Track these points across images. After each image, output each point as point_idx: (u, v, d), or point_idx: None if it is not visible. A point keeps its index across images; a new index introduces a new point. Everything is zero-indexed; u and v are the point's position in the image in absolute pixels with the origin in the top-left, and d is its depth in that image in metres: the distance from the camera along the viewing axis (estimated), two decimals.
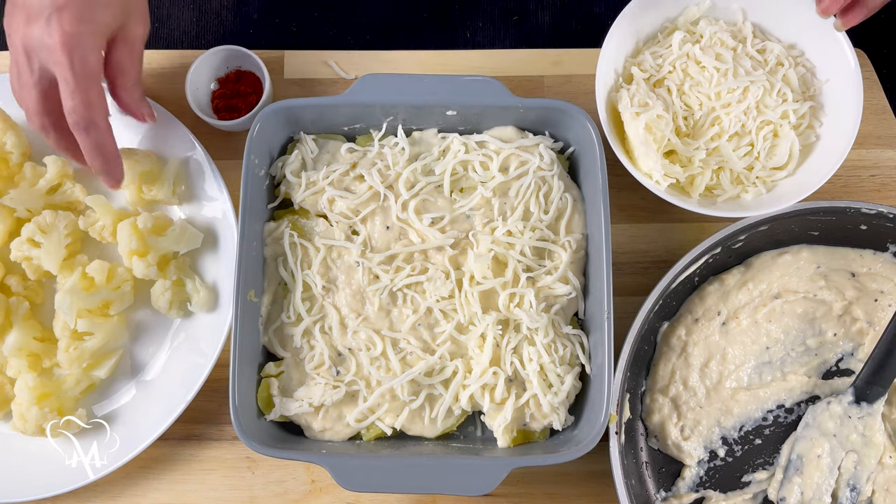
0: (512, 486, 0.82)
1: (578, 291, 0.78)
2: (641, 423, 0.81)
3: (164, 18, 1.00)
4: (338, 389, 0.76)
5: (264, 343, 0.79)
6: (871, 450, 0.78)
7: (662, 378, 0.81)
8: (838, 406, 0.78)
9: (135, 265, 0.81)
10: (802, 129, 0.84)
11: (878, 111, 0.90)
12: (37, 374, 0.80)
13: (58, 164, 0.83)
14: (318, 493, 0.82)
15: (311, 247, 0.79)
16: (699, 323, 0.81)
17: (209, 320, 0.83)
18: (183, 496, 0.83)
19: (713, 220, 0.81)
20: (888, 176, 0.89)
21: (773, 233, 0.80)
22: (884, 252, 0.82)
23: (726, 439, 0.80)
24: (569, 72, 0.91)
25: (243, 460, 0.83)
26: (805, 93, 0.84)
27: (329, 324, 0.77)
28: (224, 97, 0.88)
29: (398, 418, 0.76)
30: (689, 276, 0.80)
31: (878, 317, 0.80)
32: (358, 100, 0.79)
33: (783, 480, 0.78)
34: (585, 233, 0.79)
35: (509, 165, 0.80)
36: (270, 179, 0.81)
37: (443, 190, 0.79)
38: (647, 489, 0.80)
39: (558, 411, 0.76)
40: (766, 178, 0.83)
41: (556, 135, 0.82)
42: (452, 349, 0.77)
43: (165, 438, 0.81)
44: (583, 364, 0.77)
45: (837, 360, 0.81)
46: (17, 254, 0.81)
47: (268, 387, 0.77)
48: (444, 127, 0.82)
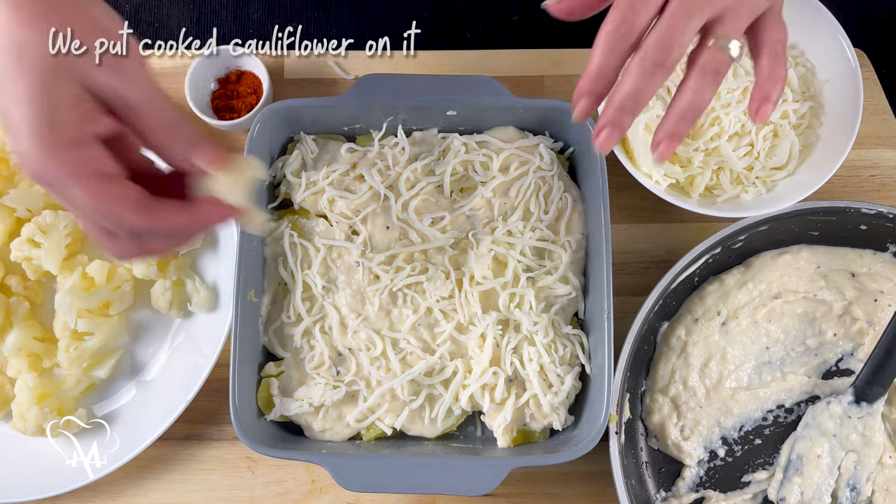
0: (512, 486, 0.82)
1: (578, 291, 0.78)
2: (641, 423, 0.81)
3: (164, 18, 1.00)
4: (338, 389, 0.76)
5: (264, 343, 0.79)
6: (871, 450, 0.78)
7: (662, 378, 0.81)
8: (838, 406, 0.78)
9: (135, 265, 0.81)
10: (802, 129, 0.84)
11: (878, 111, 0.90)
12: (37, 374, 0.80)
13: None
14: (318, 493, 0.82)
15: (311, 247, 0.79)
16: (699, 323, 0.81)
17: (209, 320, 0.83)
18: (183, 496, 0.83)
19: (713, 220, 0.81)
20: (888, 176, 0.89)
21: (773, 233, 0.80)
22: (884, 252, 0.82)
23: (726, 439, 0.80)
24: (569, 72, 0.91)
25: (243, 460, 0.83)
26: (805, 93, 0.84)
27: (329, 324, 0.77)
28: (224, 97, 0.88)
29: (398, 418, 0.76)
30: (689, 276, 0.80)
31: (878, 317, 0.80)
32: (358, 100, 0.79)
33: (783, 480, 0.78)
34: (585, 233, 0.79)
35: (510, 165, 0.80)
36: (270, 179, 0.81)
37: (443, 190, 0.79)
38: (647, 489, 0.80)
39: (558, 411, 0.76)
40: (766, 178, 0.83)
41: (556, 135, 0.82)
42: (452, 349, 0.77)
43: (165, 438, 0.81)
44: (583, 364, 0.77)
45: (837, 360, 0.81)
46: (17, 254, 0.81)
47: (268, 387, 0.77)
48: (444, 127, 0.82)
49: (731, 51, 0.60)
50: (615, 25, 0.59)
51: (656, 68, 0.59)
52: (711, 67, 0.60)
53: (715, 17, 0.60)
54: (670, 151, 0.62)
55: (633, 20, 0.59)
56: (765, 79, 0.63)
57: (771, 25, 0.63)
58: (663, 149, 0.62)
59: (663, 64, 0.59)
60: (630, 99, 0.60)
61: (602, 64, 0.60)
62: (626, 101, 0.60)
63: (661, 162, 0.63)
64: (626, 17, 0.59)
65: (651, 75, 0.59)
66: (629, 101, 0.60)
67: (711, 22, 0.60)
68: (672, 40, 0.58)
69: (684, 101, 0.61)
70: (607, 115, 0.61)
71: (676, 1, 0.59)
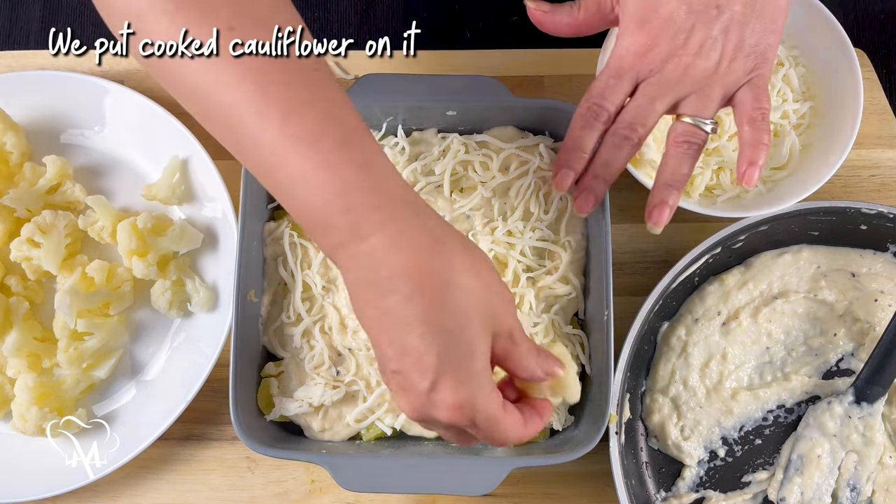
0: (512, 486, 0.82)
1: (578, 291, 0.78)
2: (641, 423, 0.81)
3: None
4: (338, 389, 0.76)
5: (264, 343, 0.78)
6: (872, 450, 0.78)
7: (662, 378, 0.81)
8: (839, 406, 0.78)
9: (135, 265, 0.81)
10: (802, 129, 0.84)
11: (878, 111, 0.90)
12: (37, 374, 0.80)
13: (57, 163, 0.83)
14: (318, 493, 0.82)
15: (311, 247, 0.79)
16: (699, 323, 0.81)
17: (209, 320, 0.83)
18: (183, 496, 0.82)
19: (713, 220, 0.81)
20: (888, 176, 0.89)
21: (773, 233, 0.80)
22: (884, 252, 0.82)
23: (726, 439, 0.80)
24: (569, 72, 0.91)
25: (243, 460, 0.83)
26: (805, 93, 0.84)
27: (329, 324, 0.77)
28: None
29: (398, 418, 0.76)
30: (689, 276, 0.80)
31: (878, 317, 0.80)
32: (358, 100, 0.78)
33: (783, 480, 0.78)
34: (585, 233, 0.79)
35: (509, 165, 0.80)
36: None
37: (443, 190, 0.79)
38: (647, 489, 0.80)
39: (558, 411, 0.76)
40: (766, 178, 0.83)
41: (556, 135, 0.82)
42: None
43: (165, 438, 0.81)
44: (583, 364, 0.77)
45: (838, 360, 0.81)
46: (17, 254, 0.81)
47: (268, 387, 0.77)
48: (444, 127, 0.82)
49: (703, 126, 0.68)
50: (587, 106, 0.68)
51: (624, 142, 0.68)
52: (684, 141, 0.68)
53: (683, 97, 0.68)
54: (663, 218, 0.69)
55: (602, 103, 0.68)
56: (748, 146, 0.69)
57: (750, 97, 0.68)
58: (656, 216, 0.69)
59: (629, 139, 0.68)
60: (602, 169, 0.69)
61: (575, 138, 0.69)
62: (599, 171, 0.70)
63: (657, 229, 0.70)
64: (597, 100, 0.68)
65: (619, 149, 0.68)
66: (601, 170, 0.70)
67: (681, 102, 0.68)
68: (637, 120, 0.67)
69: (667, 172, 0.69)
70: (584, 182, 0.71)
71: (644, 86, 0.67)
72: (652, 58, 0.67)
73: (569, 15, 0.72)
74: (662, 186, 0.69)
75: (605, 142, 0.69)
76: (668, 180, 0.69)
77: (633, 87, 0.68)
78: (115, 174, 0.87)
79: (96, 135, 0.87)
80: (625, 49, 0.68)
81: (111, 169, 0.87)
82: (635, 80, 0.68)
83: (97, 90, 0.86)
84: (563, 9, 0.72)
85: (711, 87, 0.67)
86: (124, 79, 0.89)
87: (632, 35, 0.67)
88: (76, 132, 0.87)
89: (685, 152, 0.68)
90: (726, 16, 0.66)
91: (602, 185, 0.70)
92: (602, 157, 0.69)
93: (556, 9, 0.72)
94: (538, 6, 0.72)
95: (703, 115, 0.68)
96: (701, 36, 0.66)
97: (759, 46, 0.67)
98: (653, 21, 0.66)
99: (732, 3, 0.66)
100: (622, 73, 0.68)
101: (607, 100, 0.68)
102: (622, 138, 0.68)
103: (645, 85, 0.67)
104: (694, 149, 0.68)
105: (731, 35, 0.66)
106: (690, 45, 0.66)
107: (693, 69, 0.66)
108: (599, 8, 0.70)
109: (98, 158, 0.87)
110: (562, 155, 0.71)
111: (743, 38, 0.66)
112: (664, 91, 0.67)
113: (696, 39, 0.66)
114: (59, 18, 0.97)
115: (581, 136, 0.69)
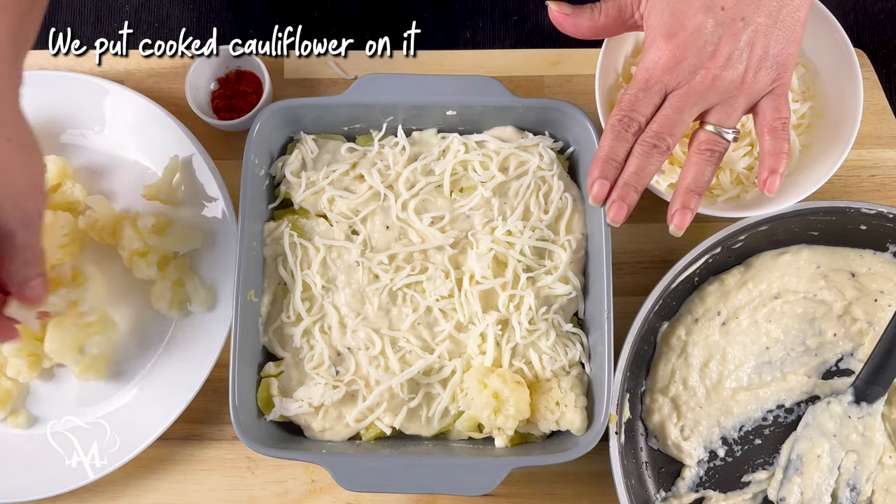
0: (512, 486, 0.82)
1: (578, 291, 0.78)
2: (641, 423, 0.81)
3: (164, 18, 1.00)
4: (337, 389, 0.76)
5: (264, 343, 0.79)
6: (871, 450, 0.78)
7: (662, 378, 0.81)
8: (838, 406, 0.78)
9: (135, 265, 0.81)
10: (802, 129, 0.84)
11: (878, 111, 0.90)
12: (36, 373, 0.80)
13: (58, 163, 0.83)
14: (318, 493, 0.82)
15: (311, 247, 0.79)
16: (699, 323, 0.81)
17: (209, 320, 0.83)
18: (183, 496, 0.83)
19: (713, 220, 0.81)
20: (888, 176, 0.89)
21: (773, 233, 0.80)
22: (884, 252, 0.82)
23: (726, 439, 0.80)
24: (569, 72, 0.91)
25: (243, 460, 0.83)
26: (805, 93, 0.84)
27: (329, 323, 0.78)
28: (224, 97, 0.88)
29: (396, 417, 0.76)
30: (689, 276, 0.80)
31: (878, 317, 0.80)
32: (358, 100, 0.79)
33: (783, 480, 0.78)
34: (585, 232, 0.79)
35: (509, 165, 0.80)
36: (270, 179, 0.81)
37: (443, 190, 0.79)
38: (647, 489, 0.80)
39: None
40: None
41: (555, 135, 0.82)
42: (451, 348, 0.77)
43: (165, 438, 0.81)
44: (583, 364, 0.77)
45: (837, 360, 0.81)
46: None
47: (268, 387, 0.77)
48: (443, 127, 0.82)
49: (725, 135, 0.70)
50: (619, 118, 0.70)
51: (653, 150, 0.70)
52: (707, 148, 0.70)
53: (709, 107, 0.70)
54: (685, 221, 0.71)
55: (633, 115, 0.69)
56: (769, 154, 0.71)
57: (771, 106, 0.70)
58: (678, 219, 0.71)
59: (658, 147, 0.69)
60: (633, 177, 0.71)
61: (609, 149, 0.71)
62: (630, 179, 0.71)
63: (679, 233, 0.72)
64: (627, 112, 0.69)
65: (648, 158, 0.70)
66: (632, 178, 0.71)
67: (706, 112, 0.70)
68: (665, 130, 0.69)
69: (690, 178, 0.71)
70: (616, 192, 0.71)
71: (672, 97, 0.69)
72: (680, 70, 0.68)
73: (590, 19, 0.73)
74: (685, 191, 0.71)
75: (634, 151, 0.70)
76: (690, 186, 0.71)
77: (662, 98, 0.70)
78: (115, 174, 0.87)
79: (96, 135, 0.87)
80: (653, 62, 0.69)
81: (111, 169, 0.87)
82: (664, 91, 0.69)
83: (97, 90, 0.86)
84: (584, 12, 0.73)
85: (737, 98, 0.69)
86: (124, 79, 0.89)
87: (660, 48, 0.68)
88: (76, 132, 0.87)
89: (707, 159, 0.70)
90: (751, 28, 0.67)
91: (634, 193, 0.71)
92: (632, 167, 0.70)
93: (578, 11, 0.73)
94: (560, 8, 0.74)
95: (727, 124, 0.70)
96: (728, 48, 0.67)
97: (780, 56, 0.68)
98: (680, 34, 0.67)
99: (757, 14, 0.67)
100: (651, 86, 0.69)
101: (637, 111, 0.69)
102: (651, 147, 0.69)
103: (673, 96, 0.69)
104: (716, 156, 0.70)
105: (756, 46, 0.67)
106: (718, 57, 0.67)
107: (720, 81, 0.68)
108: (620, 13, 0.72)
109: (98, 158, 0.87)
110: (594, 168, 0.72)
111: (767, 49, 0.68)
112: (692, 102, 0.69)
113: (723, 51, 0.67)
114: (59, 18, 0.97)
115: (614, 147, 0.70)
